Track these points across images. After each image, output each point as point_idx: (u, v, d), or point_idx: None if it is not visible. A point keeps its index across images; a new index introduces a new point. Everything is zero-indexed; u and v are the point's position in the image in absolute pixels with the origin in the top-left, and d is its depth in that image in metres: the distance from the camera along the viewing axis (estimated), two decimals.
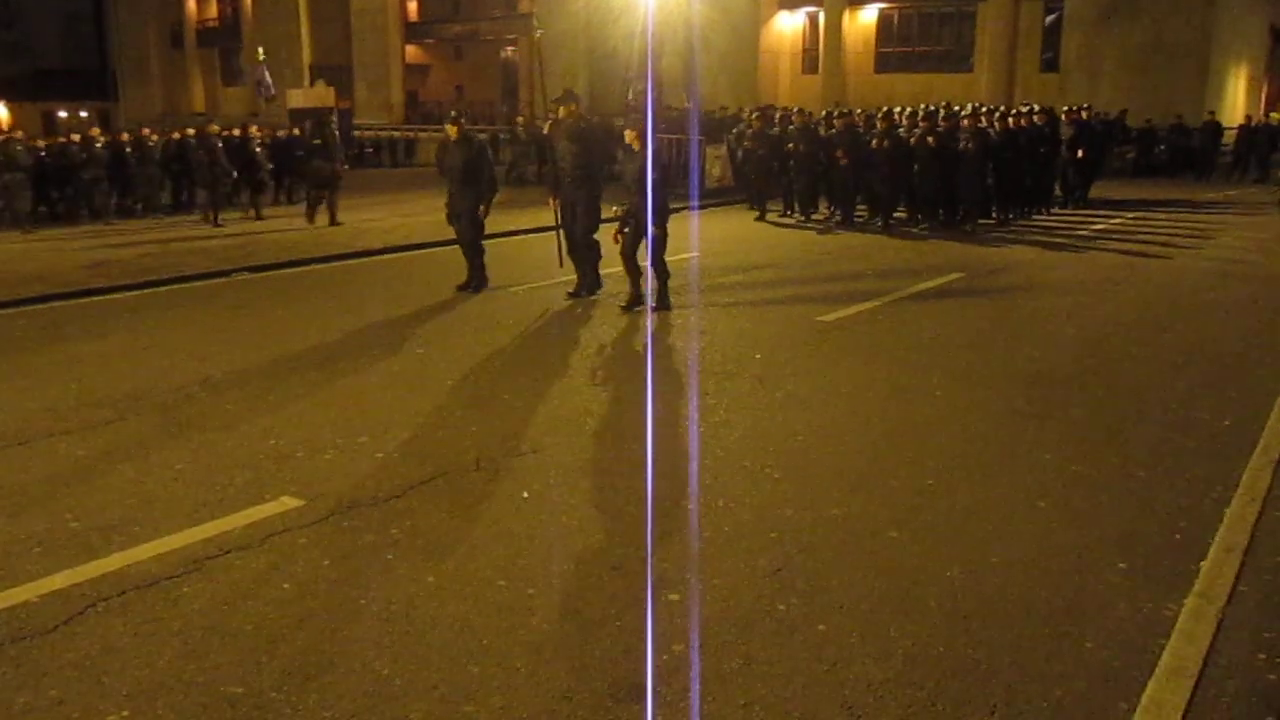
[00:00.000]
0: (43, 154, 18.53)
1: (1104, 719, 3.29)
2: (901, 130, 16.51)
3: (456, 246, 11.20)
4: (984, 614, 3.93)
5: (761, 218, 17.28)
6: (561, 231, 10.52)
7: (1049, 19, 34.36)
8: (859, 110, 20.27)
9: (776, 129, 18.29)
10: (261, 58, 33.72)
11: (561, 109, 10.47)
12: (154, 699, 3.42)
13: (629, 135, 9.73)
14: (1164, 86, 29.26)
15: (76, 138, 18.76)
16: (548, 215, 11.14)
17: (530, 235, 14.76)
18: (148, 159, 19.31)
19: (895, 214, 16.22)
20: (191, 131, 19.15)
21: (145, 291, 11.38)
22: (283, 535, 4.67)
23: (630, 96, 29.17)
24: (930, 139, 15.31)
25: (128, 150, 19.09)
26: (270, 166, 19.77)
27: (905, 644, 3.72)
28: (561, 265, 10.66)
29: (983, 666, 3.58)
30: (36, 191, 18.60)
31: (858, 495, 5.10)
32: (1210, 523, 4.76)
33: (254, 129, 20.61)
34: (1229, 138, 25.52)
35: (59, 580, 4.25)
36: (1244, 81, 33.84)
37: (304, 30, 48.84)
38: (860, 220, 16.65)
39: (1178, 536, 4.63)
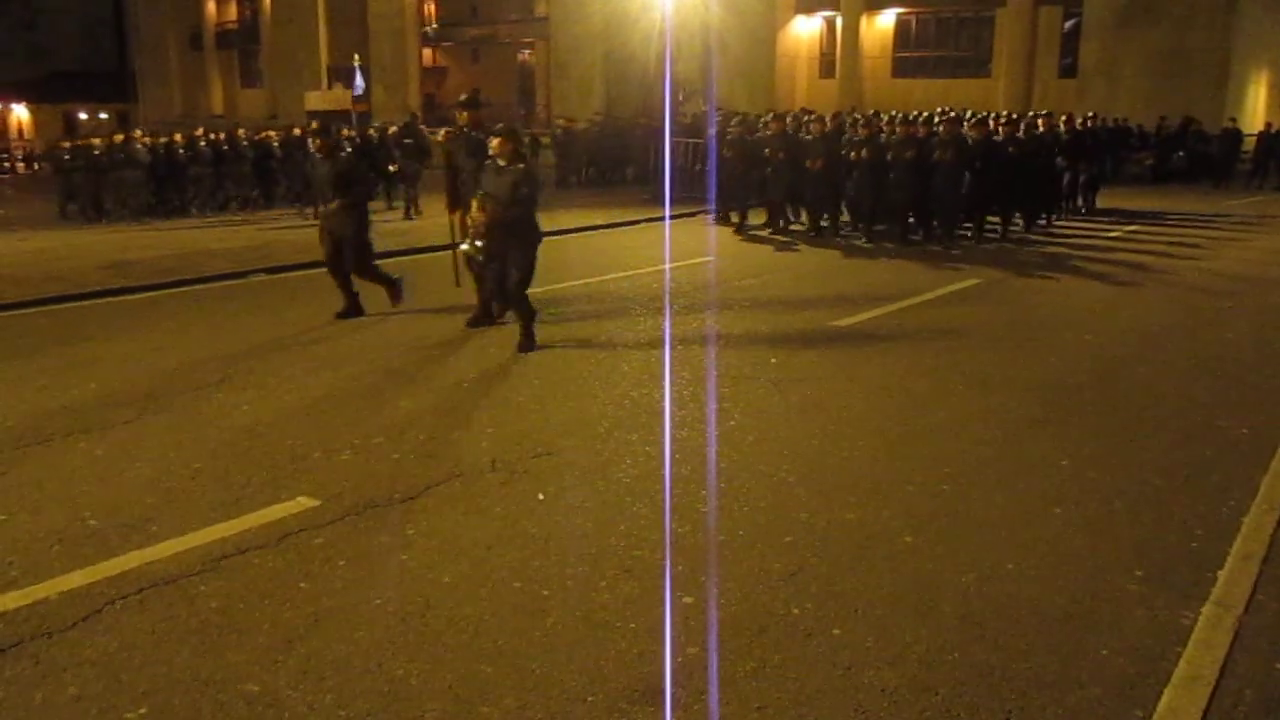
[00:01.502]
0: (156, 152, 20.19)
1: None
2: (884, 137, 15.41)
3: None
4: (999, 620, 3.92)
5: (740, 229, 15.98)
6: (461, 251, 8.82)
7: (1068, 24, 34.26)
8: (871, 114, 19.61)
9: (769, 131, 16.80)
10: (357, 61, 35.53)
11: (462, 115, 9.46)
12: (171, 696, 3.45)
13: (495, 145, 8.13)
14: (1183, 93, 29.13)
15: (179, 137, 20.86)
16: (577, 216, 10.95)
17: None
18: (242, 157, 20.77)
19: (876, 226, 15.07)
20: (273, 134, 21.19)
21: (164, 291, 11.45)
22: (299, 535, 4.70)
23: (681, 97, 29.19)
24: (908, 152, 14.12)
25: (224, 149, 20.70)
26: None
27: (920, 649, 3.71)
28: (458, 285, 9.58)
29: (997, 673, 3.57)
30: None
31: (873, 500, 5.10)
32: (1228, 531, 4.74)
33: (344, 130, 22.03)
34: (1249, 144, 25.36)
35: (78, 578, 4.29)
36: (1265, 88, 33.62)
37: (322, 32, 49.08)
38: (841, 233, 15.52)
39: (1194, 544, 4.61)
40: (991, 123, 17.26)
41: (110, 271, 12.45)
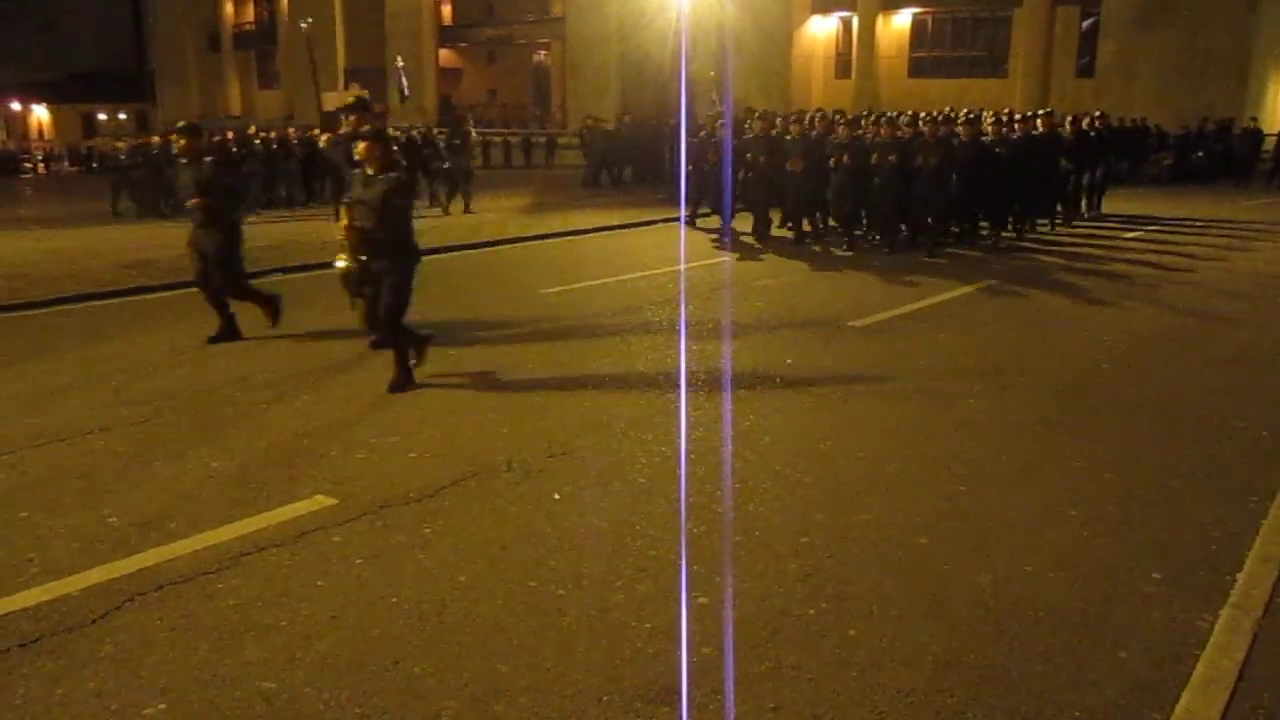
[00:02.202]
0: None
1: None
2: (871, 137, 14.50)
3: (500, 246, 10.93)
4: (1015, 622, 3.91)
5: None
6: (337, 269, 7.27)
7: (1085, 24, 34.13)
8: (866, 113, 18.85)
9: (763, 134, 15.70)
10: (400, 63, 36.45)
11: (348, 119, 8.80)
12: (190, 693, 3.47)
13: (360, 150, 7.05)
14: (1202, 92, 28.97)
15: (232, 135, 22.50)
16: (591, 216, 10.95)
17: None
18: (291, 155, 22.00)
19: (856, 233, 14.53)
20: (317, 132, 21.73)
21: (181, 291, 11.51)
22: (316, 533, 4.72)
23: (714, 96, 29.20)
24: (891, 155, 13.32)
25: (275, 147, 21.98)
26: (404, 163, 20.88)
27: (935, 650, 3.71)
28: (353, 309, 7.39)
29: (1013, 674, 3.56)
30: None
31: (888, 501, 5.09)
32: (1246, 533, 4.71)
33: (392, 130, 22.62)
34: (1269, 144, 25.20)
35: (97, 575, 4.32)
36: None
37: (339, 33, 49.28)
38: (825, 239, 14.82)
39: (1213, 547, 4.58)
40: (1002, 121, 16.64)
41: (130, 270, 12.53)
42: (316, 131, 22.73)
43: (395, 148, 7.40)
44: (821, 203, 14.85)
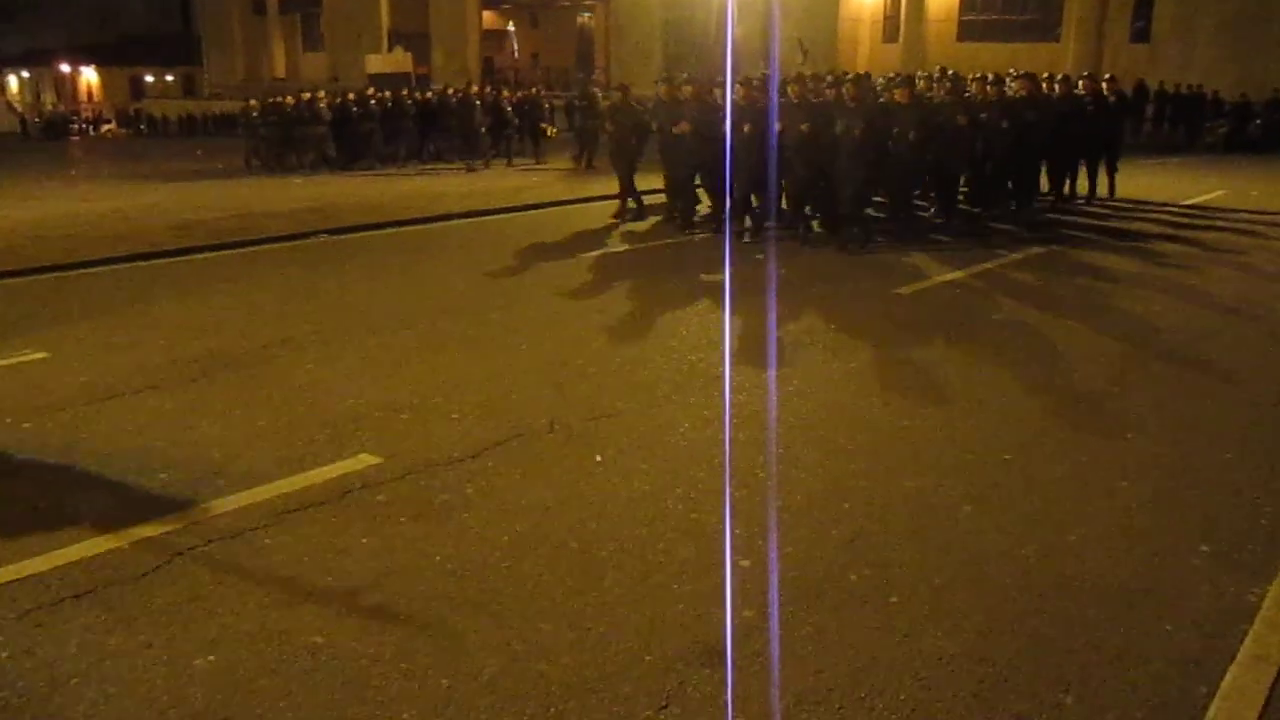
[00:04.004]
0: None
1: (1182, 703, 3.23)
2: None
3: (538, 210, 10.99)
4: (1059, 593, 3.88)
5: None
6: None
7: None
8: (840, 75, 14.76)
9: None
10: (511, 28, 37.99)
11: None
12: (238, 646, 3.54)
13: None
14: (1262, 57, 28.18)
15: (352, 96, 23.55)
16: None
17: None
18: (405, 113, 23.21)
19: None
20: (452, 90, 23.83)
21: (231, 251, 11.65)
22: (361, 492, 4.78)
23: (801, 60, 29.16)
24: (857, 130, 10.82)
25: (390, 106, 23.24)
26: (517, 121, 22.83)
27: (978, 619, 3.69)
28: None
29: (1057, 645, 3.54)
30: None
31: (932, 469, 5.05)
32: None
33: (505, 92, 25.26)
34: None
35: (149, 529, 4.41)
36: None
37: None
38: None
39: (1263, 521, 4.50)
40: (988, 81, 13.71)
41: (178, 231, 12.68)
42: (474, 88, 24.50)
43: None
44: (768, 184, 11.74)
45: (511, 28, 38.10)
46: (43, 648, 3.54)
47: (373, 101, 23.26)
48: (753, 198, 12.00)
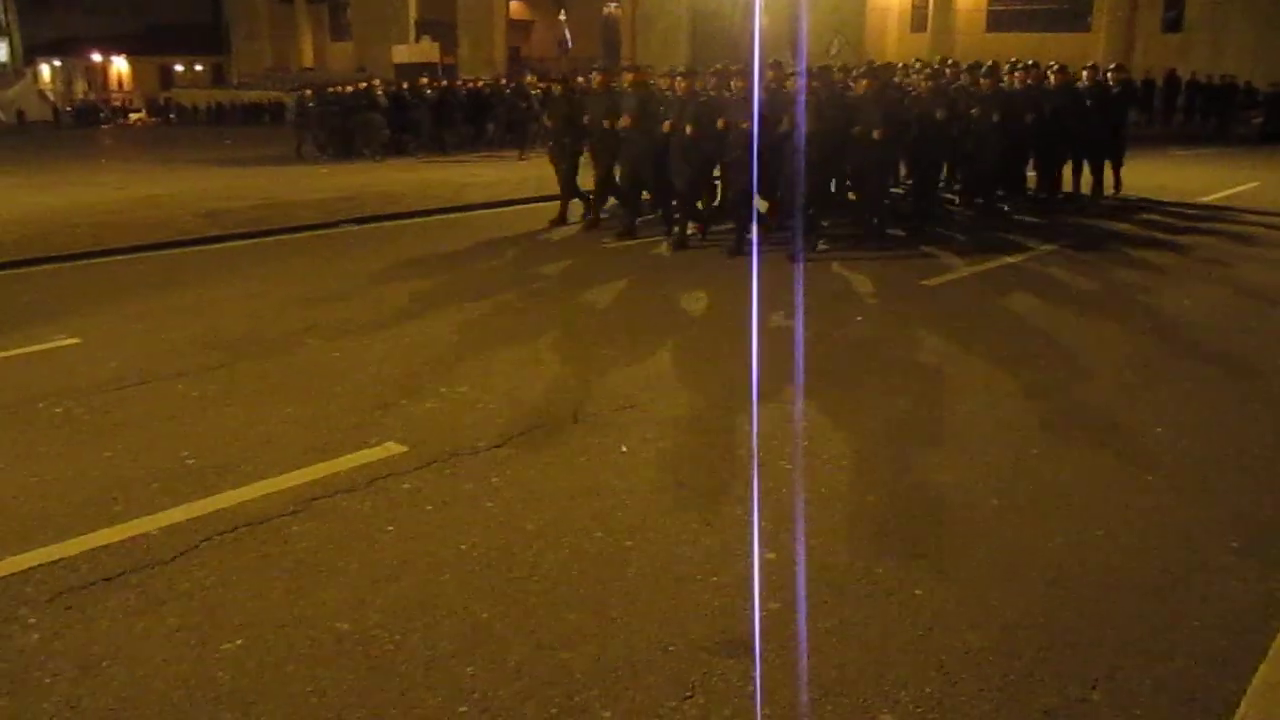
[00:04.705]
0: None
1: (1211, 700, 3.20)
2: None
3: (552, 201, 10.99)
4: (1086, 586, 3.85)
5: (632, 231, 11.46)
6: None
7: None
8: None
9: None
10: (563, 17, 39.05)
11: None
12: (265, 631, 3.57)
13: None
14: None
15: (405, 85, 24.95)
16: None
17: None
18: (458, 104, 24.42)
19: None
20: (504, 79, 25.33)
21: (259, 240, 11.73)
22: (387, 480, 4.80)
23: (834, 51, 29.10)
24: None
25: (442, 95, 24.58)
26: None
27: (1004, 613, 3.66)
28: None
29: (1084, 639, 3.51)
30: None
31: (958, 461, 5.02)
32: None
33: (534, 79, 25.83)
34: None
35: (177, 514, 4.45)
36: None
37: None
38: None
39: None
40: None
41: (207, 219, 12.77)
42: (529, 79, 25.29)
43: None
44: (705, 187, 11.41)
45: (563, 17, 38.45)
46: (73, 630, 3.58)
47: (428, 90, 24.31)
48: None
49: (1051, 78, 13.35)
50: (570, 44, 38.28)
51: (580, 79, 13.74)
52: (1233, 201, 14.38)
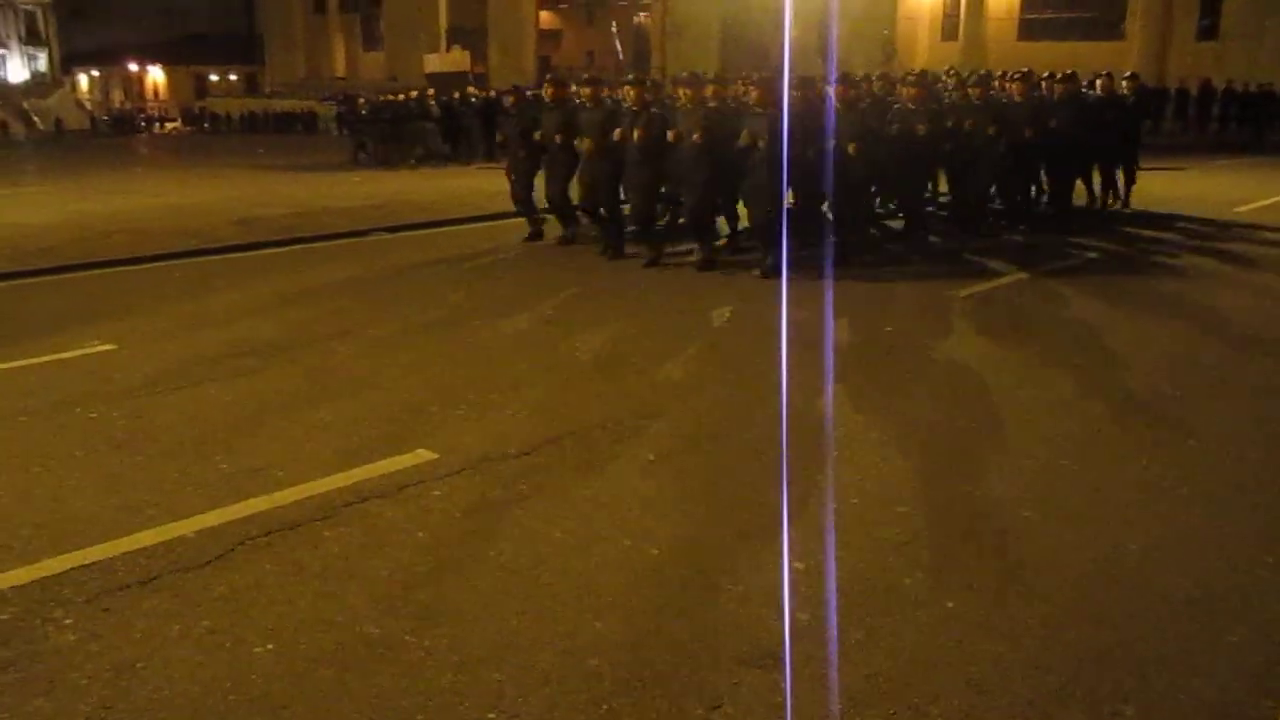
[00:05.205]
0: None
1: (1246, 717, 3.16)
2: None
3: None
4: (1119, 601, 3.81)
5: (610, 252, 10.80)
6: None
7: None
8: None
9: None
10: (615, 28, 40.54)
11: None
12: (297, 634, 3.59)
13: None
14: None
15: (458, 95, 25.69)
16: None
17: None
18: (505, 113, 24.39)
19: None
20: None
21: (291, 247, 11.84)
22: (418, 486, 4.83)
23: (885, 60, 29.17)
24: (761, 140, 9.24)
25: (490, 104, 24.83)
26: None
27: (1035, 626, 3.63)
28: None
29: (1116, 654, 3.47)
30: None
31: (989, 472, 4.99)
32: None
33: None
34: None
35: (211, 518, 4.49)
36: None
37: None
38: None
39: None
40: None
41: (240, 227, 12.91)
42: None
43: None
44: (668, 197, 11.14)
45: (615, 28, 38.97)
46: (109, 632, 3.62)
47: (474, 99, 24.95)
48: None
49: (1055, 88, 12.81)
50: (622, 53, 38.52)
51: (529, 91, 13.45)
52: (1271, 211, 14.21)
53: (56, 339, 7.61)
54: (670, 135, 9.66)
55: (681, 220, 11.15)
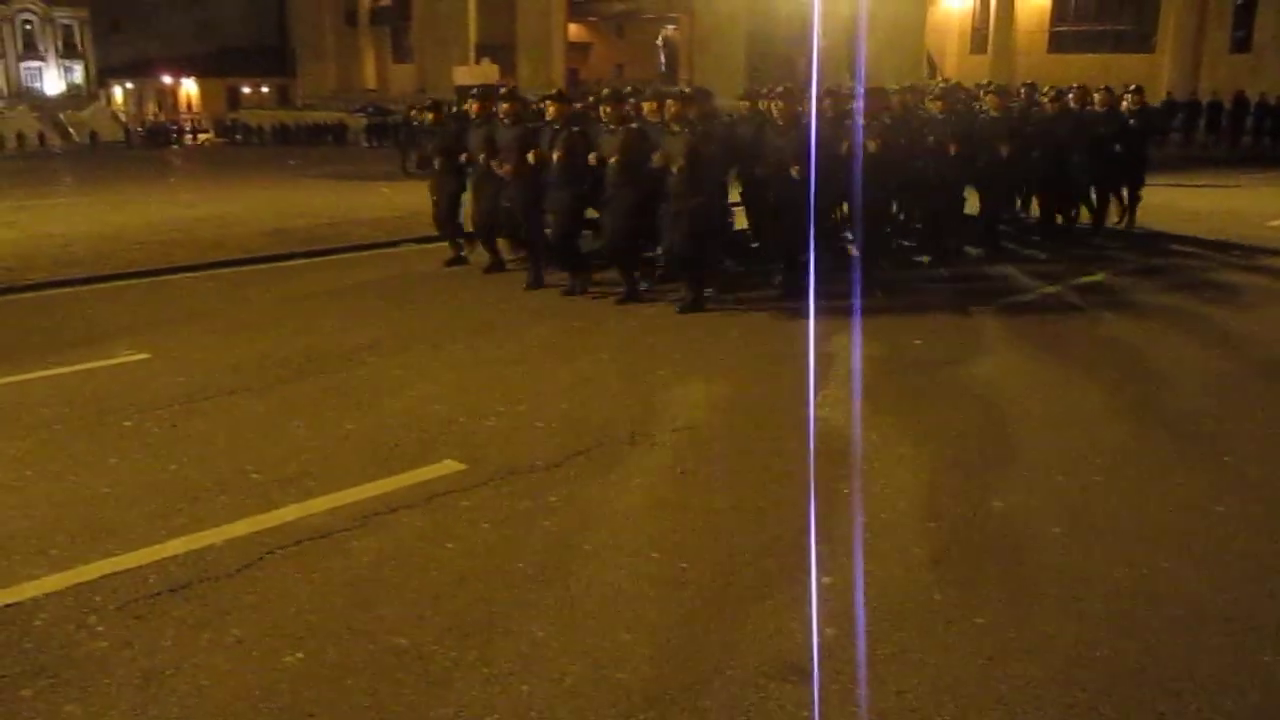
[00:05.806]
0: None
1: None
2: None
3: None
4: (1151, 619, 3.77)
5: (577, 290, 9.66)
6: None
7: None
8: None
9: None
10: (660, 41, 41.05)
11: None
12: (325, 644, 3.62)
13: None
14: None
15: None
16: None
17: None
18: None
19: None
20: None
21: (321, 258, 11.94)
22: (446, 497, 4.85)
23: (930, 74, 29.16)
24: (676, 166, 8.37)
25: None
26: None
27: (1066, 643, 3.60)
28: None
29: (1149, 672, 3.43)
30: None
31: (1020, 488, 4.95)
32: None
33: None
34: None
35: (241, 527, 4.53)
36: None
37: (471, 8, 50.04)
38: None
39: None
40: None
41: (272, 238, 13.03)
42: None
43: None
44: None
45: (660, 41, 39.34)
46: (140, 639, 3.66)
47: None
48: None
49: (1046, 102, 12.18)
50: (664, 65, 38.73)
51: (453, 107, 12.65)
52: None
53: (91, 348, 7.71)
54: (591, 158, 8.88)
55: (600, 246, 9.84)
